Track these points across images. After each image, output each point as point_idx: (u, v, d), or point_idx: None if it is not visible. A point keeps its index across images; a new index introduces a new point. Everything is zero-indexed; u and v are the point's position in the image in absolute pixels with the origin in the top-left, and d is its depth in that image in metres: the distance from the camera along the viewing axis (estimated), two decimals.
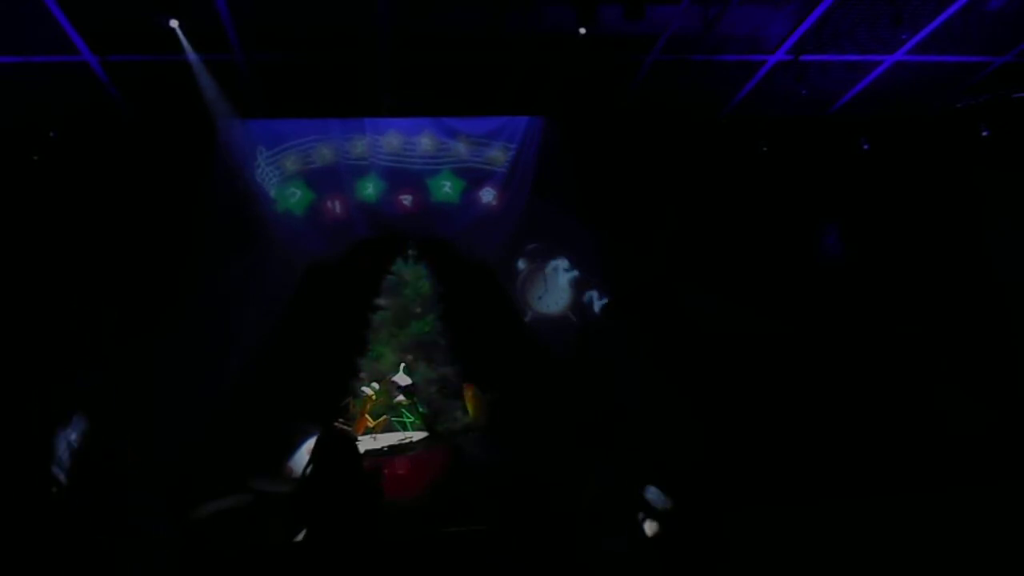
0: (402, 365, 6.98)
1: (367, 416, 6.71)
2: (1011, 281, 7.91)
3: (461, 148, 7.83)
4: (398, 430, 6.81)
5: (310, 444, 4.56)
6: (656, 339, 7.40)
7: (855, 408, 7.15)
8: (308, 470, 3.48)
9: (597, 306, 7.97)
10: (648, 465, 4.98)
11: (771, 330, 7.42)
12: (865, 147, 8.23)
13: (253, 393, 6.81)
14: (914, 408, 7.15)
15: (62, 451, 4.73)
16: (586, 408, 7.08)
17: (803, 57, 6.86)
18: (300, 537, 3.34)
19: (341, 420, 6.67)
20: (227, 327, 6.99)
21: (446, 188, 7.86)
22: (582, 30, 6.01)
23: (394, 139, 7.74)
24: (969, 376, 7.47)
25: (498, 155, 7.88)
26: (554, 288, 8.08)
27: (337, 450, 3.53)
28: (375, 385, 6.89)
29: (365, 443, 6.39)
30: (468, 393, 6.88)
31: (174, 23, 5.86)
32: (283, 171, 7.66)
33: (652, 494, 4.37)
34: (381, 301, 7.42)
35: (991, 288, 7.97)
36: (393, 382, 6.82)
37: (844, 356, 7.54)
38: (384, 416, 6.83)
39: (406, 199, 7.82)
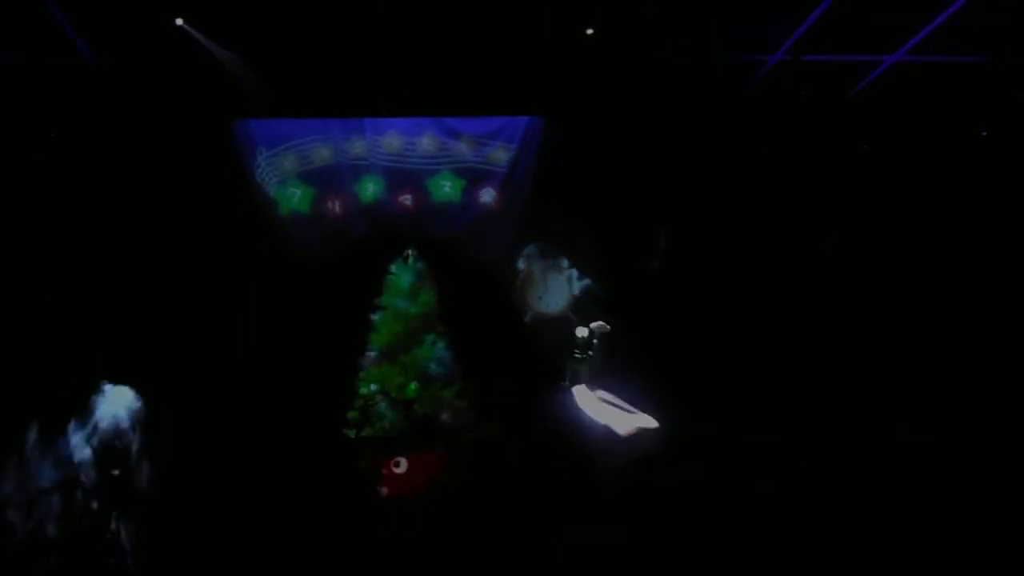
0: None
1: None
2: (1011, 282, 7.91)
3: (461, 148, 7.83)
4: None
5: None
6: (656, 339, 7.39)
7: (854, 408, 7.15)
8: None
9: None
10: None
11: (770, 330, 7.42)
12: (865, 147, 8.23)
13: (253, 393, 6.80)
14: (915, 408, 7.15)
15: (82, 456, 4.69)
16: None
17: (803, 57, 6.87)
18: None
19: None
20: (227, 328, 6.99)
21: (446, 188, 7.86)
22: (589, 31, 6.02)
23: (394, 139, 7.75)
24: (970, 376, 7.47)
25: (498, 155, 7.87)
26: (554, 288, 8.07)
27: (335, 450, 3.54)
28: (373, 387, 6.89)
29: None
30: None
31: (179, 22, 5.89)
32: (283, 171, 7.67)
33: None
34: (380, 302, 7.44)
35: (992, 288, 7.97)
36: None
37: (843, 356, 7.54)
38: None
39: (406, 199, 7.83)
